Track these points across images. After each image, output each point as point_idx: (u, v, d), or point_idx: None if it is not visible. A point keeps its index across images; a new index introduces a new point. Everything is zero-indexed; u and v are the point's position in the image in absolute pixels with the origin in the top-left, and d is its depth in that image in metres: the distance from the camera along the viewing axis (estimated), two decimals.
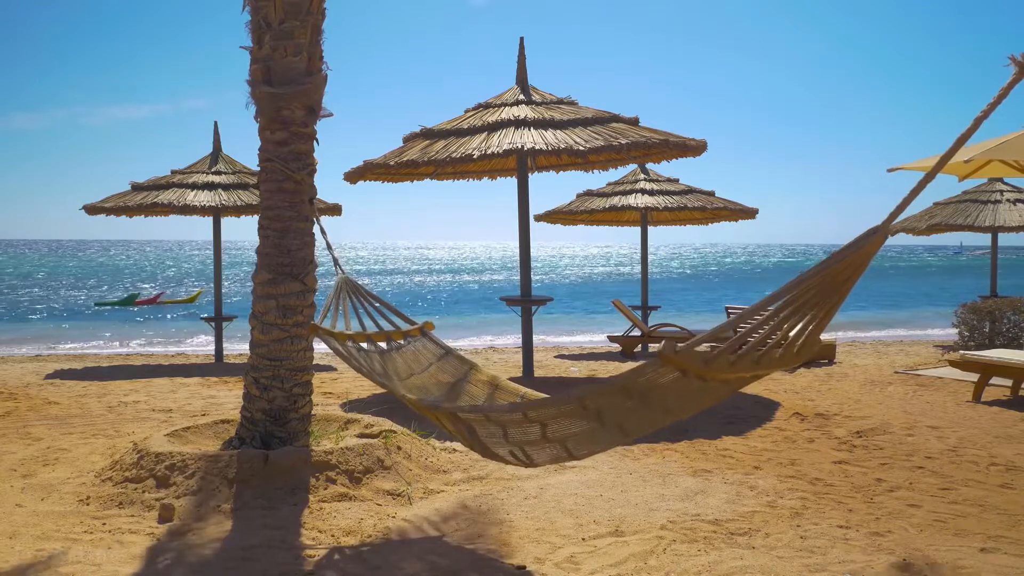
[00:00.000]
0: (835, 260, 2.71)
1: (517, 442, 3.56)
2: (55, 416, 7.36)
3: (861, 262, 2.77)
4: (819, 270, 2.73)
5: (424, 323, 5.44)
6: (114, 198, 11.24)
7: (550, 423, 3.35)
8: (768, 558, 3.80)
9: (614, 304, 13.01)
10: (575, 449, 3.53)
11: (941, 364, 10.44)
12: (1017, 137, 6.69)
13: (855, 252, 2.70)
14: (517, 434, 3.50)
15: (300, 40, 5.20)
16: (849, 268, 2.77)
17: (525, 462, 3.75)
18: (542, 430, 3.39)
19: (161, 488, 4.71)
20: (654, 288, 18.99)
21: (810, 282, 2.74)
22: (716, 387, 3.12)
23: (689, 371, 2.87)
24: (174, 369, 11.02)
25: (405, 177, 9.68)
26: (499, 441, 3.61)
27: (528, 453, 3.65)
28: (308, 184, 5.37)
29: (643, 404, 3.16)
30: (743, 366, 2.90)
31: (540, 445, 3.53)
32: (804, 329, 2.95)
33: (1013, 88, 2.62)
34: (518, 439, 3.53)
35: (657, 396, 3.09)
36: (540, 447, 3.56)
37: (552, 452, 3.59)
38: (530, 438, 3.48)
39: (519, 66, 8.90)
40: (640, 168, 12.86)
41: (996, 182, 13.70)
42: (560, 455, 3.61)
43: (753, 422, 6.90)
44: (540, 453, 3.64)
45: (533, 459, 3.71)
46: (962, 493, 4.87)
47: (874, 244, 2.71)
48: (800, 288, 2.76)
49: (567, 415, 3.28)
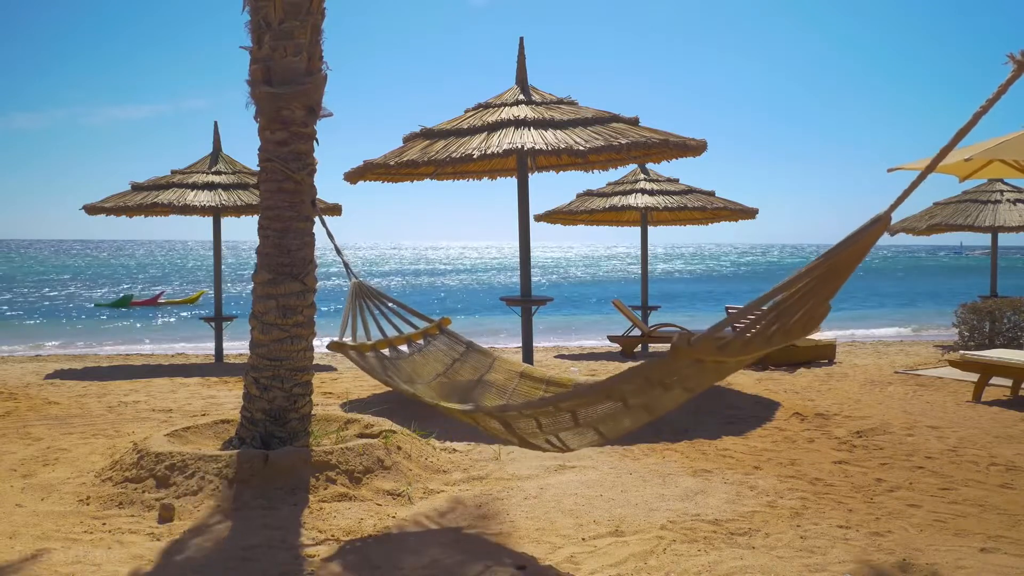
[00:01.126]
0: (839, 250, 2.77)
1: (552, 431, 3.81)
2: (55, 416, 7.36)
3: (863, 250, 2.86)
4: (823, 261, 2.78)
5: (441, 319, 5.48)
6: (114, 198, 11.24)
7: (579, 410, 3.60)
8: (768, 558, 3.80)
9: (614, 304, 13.02)
10: (605, 430, 3.77)
11: (941, 364, 10.44)
12: (1017, 137, 6.69)
13: (857, 241, 2.77)
14: (550, 424, 3.75)
15: (300, 40, 5.20)
16: (851, 257, 2.86)
17: (562, 448, 4.00)
18: (573, 417, 3.64)
19: (161, 488, 4.71)
20: (654, 288, 18.99)
21: (815, 273, 2.79)
22: (733, 365, 3.33)
23: (705, 360, 3.04)
24: (174, 369, 11.02)
25: (405, 177, 9.68)
26: (535, 432, 3.87)
27: (563, 439, 3.90)
28: (308, 184, 5.37)
29: (664, 388, 3.38)
30: (756, 345, 3.03)
31: (573, 430, 3.78)
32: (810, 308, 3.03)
33: (1012, 84, 2.64)
34: (552, 428, 3.79)
35: (676, 380, 3.31)
36: (573, 432, 3.82)
37: (586, 436, 3.85)
38: (563, 426, 3.74)
39: (519, 66, 8.90)
40: (640, 168, 12.86)
41: (996, 182, 13.70)
42: (593, 438, 3.88)
43: (753, 422, 6.90)
44: (574, 438, 3.90)
45: (568, 444, 3.96)
46: (962, 493, 4.87)
47: (875, 233, 2.80)
48: (805, 280, 2.82)
49: (594, 403, 3.52)
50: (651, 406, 3.56)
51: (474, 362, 5.20)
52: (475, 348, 5.34)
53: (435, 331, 5.42)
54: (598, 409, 3.58)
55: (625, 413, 3.56)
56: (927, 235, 14.01)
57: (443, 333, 5.43)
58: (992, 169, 8.13)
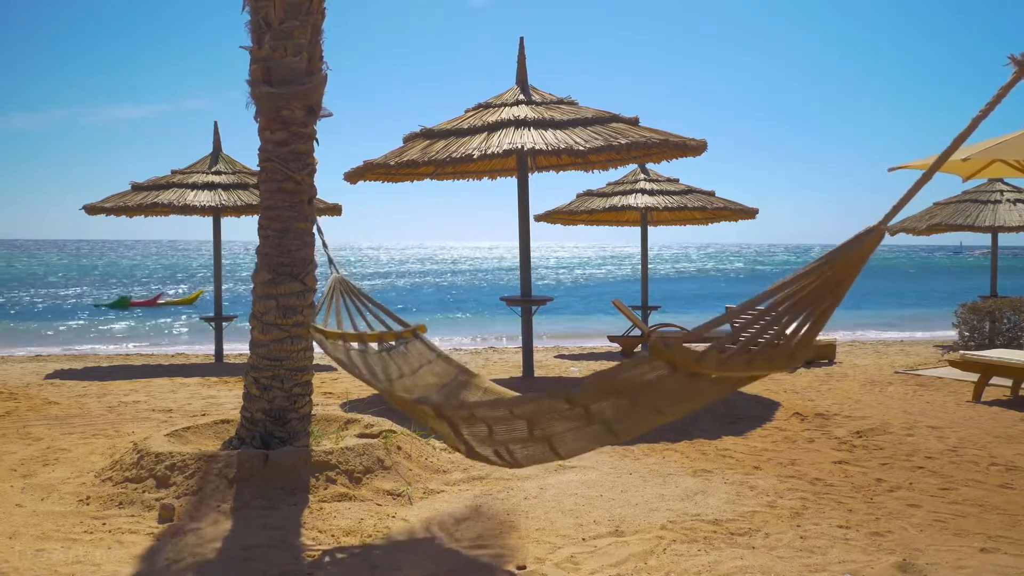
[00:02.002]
0: (832, 259, 2.69)
1: (502, 441, 3.46)
2: (55, 416, 7.36)
3: (858, 262, 2.74)
4: (815, 268, 2.70)
5: (417, 326, 5.43)
6: (114, 198, 11.25)
7: (536, 420, 3.25)
8: (768, 558, 3.80)
9: (614, 304, 13.01)
10: (561, 447, 3.44)
11: (941, 364, 10.44)
12: (1017, 137, 6.68)
13: (852, 252, 2.69)
14: (503, 432, 3.39)
15: (300, 40, 5.20)
16: (846, 267, 2.74)
17: (510, 462, 3.65)
18: (528, 427, 3.29)
19: (161, 488, 4.71)
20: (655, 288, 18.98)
21: (806, 280, 2.71)
22: (707, 386, 3.03)
23: (680, 367, 2.77)
24: (174, 369, 11.02)
25: (405, 177, 9.68)
26: (484, 440, 3.51)
27: (513, 452, 3.56)
28: (308, 184, 5.37)
29: (632, 403, 3.08)
30: (736, 365, 2.82)
31: (526, 443, 3.44)
32: (799, 329, 2.90)
33: (1012, 88, 2.62)
34: (503, 437, 3.43)
35: (646, 394, 3.01)
36: (525, 445, 3.47)
37: (538, 450, 3.50)
38: (516, 436, 3.38)
39: (519, 66, 8.90)
40: (640, 168, 12.87)
41: (996, 182, 13.70)
42: (546, 454, 3.52)
43: (753, 422, 6.90)
44: (525, 452, 3.55)
45: (518, 458, 3.62)
46: (962, 493, 4.87)
47: (871, 244, 2.68)
48: (796, 285, 2.73)
49: (553, 412, 3.17)
50: (616, 427, 3.25)
51: (441, 371, 5.10)
52: (445, 358, 5.21)
53: (409, 335, 5.35)
54: (555, 422, 3.22)
55: (585, 427, 3.24)
56: (927, 235, 14.01)
57: (417, 339, 5.36)
58: (993, 169, 8.14)
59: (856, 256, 2.71)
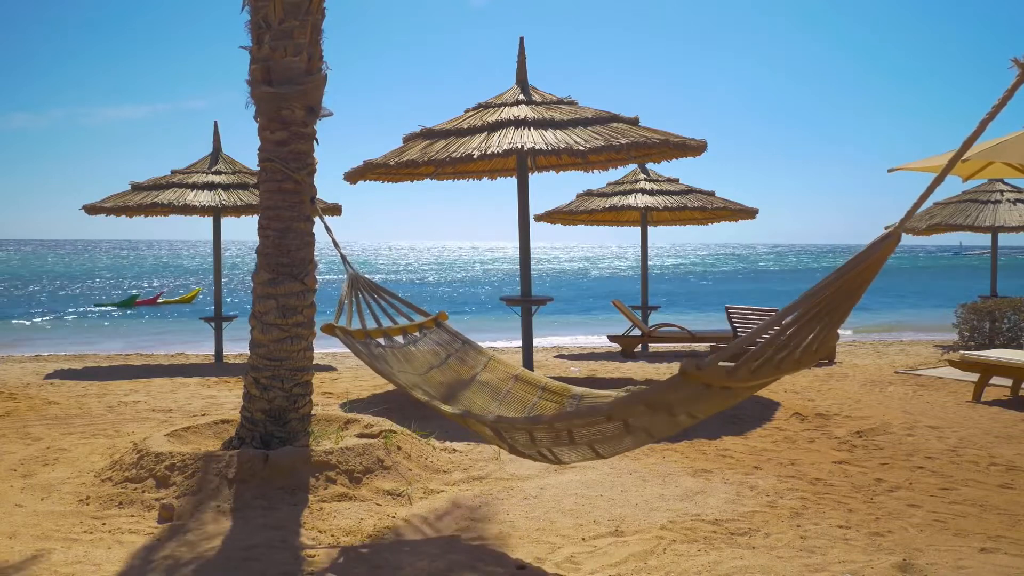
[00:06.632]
0: (850, 268, 2.76)
1: (545, 445, 3.70)
2: (55, 416, 7.36)
3: (875, 267, 2.83)
4: (835, 279, 2.77)
5: (438, 313, 5.46)
6: (114, 198, 11.25)
7: (576, 430, 3.48)
8: (768, 558, 3.79)
9: (614, 304, 13.02)
10: (603, 450, 3.66)
11: (941, 364, 10.44)
12: (1017, 137, 6.68)
13: (870, 258, 2.75)
14: (545, 439, 3.64)
15: (300, 40, 5.20)
16: (864, 273, 2.83)
17: (553, 460, 3.89)
18: (569, 436, 3.52)
19: (161, 488, 4.71)
20: (654, 288, 18.98)
21: (826, 292, 2.78)
22: (740, 392, 3.23)
23: (713, 384, 2.97)
24: (174, 369, 11.02)
25: (405, 177, 9.68)
26: (527, 443, 3.77)
27: (556, 453, 3.79)
28: (308, 184, 5.37)
29: (669, 414, 3.29)
30: (764, 372, 2.99)
31: (568, 446, 3.67)
32: (820, 333, 3.02)
33: (1016, 90, 2.64)
34: (546, 443, 3.68)
35: (682, 406, 3.22)
36: (568, 448, 3.70)
37: (580, 452, 3.72)
38: (558, 443, 3.63)
39: (519, 66, 8.90)
40: (640, 168, 12.87)
41: (996, 182, 13.71)
42: (588, 455, 3.74)
43: (753, 422, 6.90)
44: (568, 454, 3.79)
45: (561, 458, 3.86)
46: (962, 493, 4.87)
47: (887, 248, 2.77)
48: (816, 299, 2.82)
49: (593, 424, 3.40)
50: (653, 430, 3.47)
51: (470, 359, 5.15)
52: (472, 345, 5.30)
53: (431, 325, 5.39)
54: (596, 430, 3.46)
55: (625, 435, 3.46)
56: (927, 235, 14.01)
57: (440, 327, 5.40)
58: (993, 169, 8.13)
59: (874, 261, 2.79)
